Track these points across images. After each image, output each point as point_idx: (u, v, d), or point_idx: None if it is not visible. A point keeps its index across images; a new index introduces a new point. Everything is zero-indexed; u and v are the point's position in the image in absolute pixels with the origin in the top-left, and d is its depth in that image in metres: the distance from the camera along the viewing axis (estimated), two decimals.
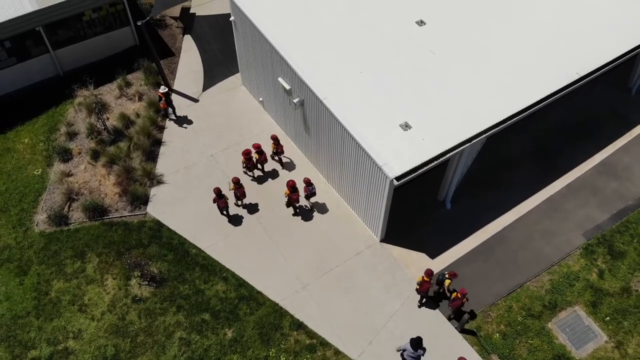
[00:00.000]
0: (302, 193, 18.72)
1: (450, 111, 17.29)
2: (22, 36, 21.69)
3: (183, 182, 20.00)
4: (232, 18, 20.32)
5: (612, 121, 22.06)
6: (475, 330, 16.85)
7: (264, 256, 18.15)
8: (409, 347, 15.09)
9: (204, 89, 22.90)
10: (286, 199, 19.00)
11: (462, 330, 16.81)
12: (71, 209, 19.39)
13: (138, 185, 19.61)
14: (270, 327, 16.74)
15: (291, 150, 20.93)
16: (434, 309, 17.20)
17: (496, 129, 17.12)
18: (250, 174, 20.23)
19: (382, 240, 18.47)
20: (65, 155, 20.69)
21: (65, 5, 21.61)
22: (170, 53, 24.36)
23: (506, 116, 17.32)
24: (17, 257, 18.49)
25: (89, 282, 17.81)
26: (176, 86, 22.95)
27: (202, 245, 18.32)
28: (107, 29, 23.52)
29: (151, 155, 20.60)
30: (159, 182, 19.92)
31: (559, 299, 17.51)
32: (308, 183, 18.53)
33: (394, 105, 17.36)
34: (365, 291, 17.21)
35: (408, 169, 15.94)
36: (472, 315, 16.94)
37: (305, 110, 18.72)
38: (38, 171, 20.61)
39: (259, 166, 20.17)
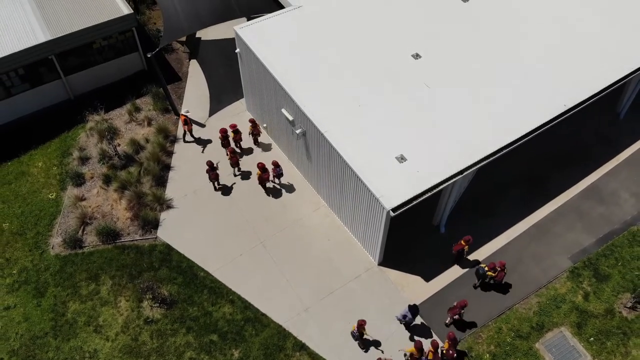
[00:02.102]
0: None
1: (443, 143, 18.32)
2: (36, 64, 22.72)
3: (191, 207, 21.04)
4: (237, 50, 21.33)
5: (599, 146, 23.11)
6: (466, 351, 17.94)
7: (268, 279, 19.21)
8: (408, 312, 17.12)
9: (211, 113, 23.92)
10: (257, 179, 21.11)
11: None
12: (85, 232, 20.43)
13: (149, 209, 20.65)
14: (274, 348, 17.81)
15: (293, 175, 21.98)
16: (430, 336, 18.25)
17: (487, 160, 18.16)
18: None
19: (380, 264, 19.53)
20: (78, 180, 21.72)
21: (77, 35, 22.64)
22: (177, 78, 25.36)
23: (497, 148, 18.37)
24: (34, 279, 19.54)
25: (103, 304, 18.87)
26: (184, 111, 23.91)
27: (209, 269, 19.38)
28: (117, 55, 24.54)
29: (161, 180, 21.64)
30: (169, 207, 20.96)
31: (546, 320, 18.59)
32: (276, 165, 20.76)
33: (390, 137, 18.38)
34: (364, 314, 18.26)
35: (404, 200, 17.00)
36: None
37: (307, 140, 19.75)
38: (52, 195, 21.64)
39: (237, 145, 22.13)
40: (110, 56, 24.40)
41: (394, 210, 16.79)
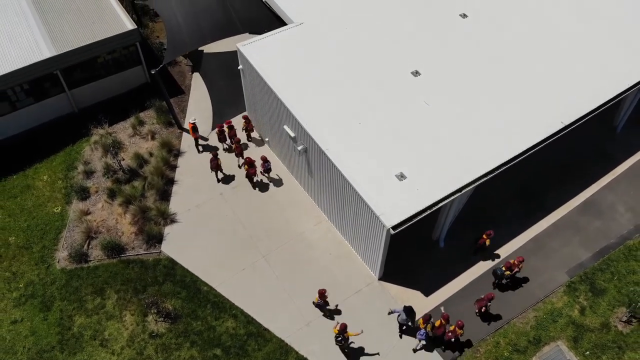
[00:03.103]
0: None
1: (442, 161, 18.65)
2: (40, 78, 23.02)
3: (194, 221, 21.38)
4: (240, 67, 21.65)
5: (597, 159, 23.44)
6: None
7: (270, 293, 19.57)
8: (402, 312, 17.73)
9: (213, 127, 24.22)
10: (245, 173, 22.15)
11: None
12: (90, 246, 20.77)
13: (153, 224, 21.00)
14: None
15: (295, 189, 22.33)
16: (432, 350, 18.65)
17: (485, 178, 18.50)
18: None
19: (380, 279, 19.90)
20: (83, 194, 22.06)
21: (81, 50, 22.95)
22: (180, 91, 25.68)
23: (495, 165, 18.70)
24: (40, 293, 19.89)
25: (109, 318, 19.23)
26: (187, 125, 24.26)
27: (213, 283, 19.74)
28: (120, 69, 24.85)
29: (164, 194, 21.98)
30: (172, 221, 21.31)
31: (542, 334, 18.97)
32: (265, 160, 21.79)
33: (390, 155, 18.71)
34: (364, 328, 18.56)
35: (404, 218, 17.33)
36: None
37: (308, 156, 20.09)
38: (58, 209, 21.98)
39: (229, 140, 23.13)
40: (114, 70, 24.70)
41: (394, 228, 17.13)
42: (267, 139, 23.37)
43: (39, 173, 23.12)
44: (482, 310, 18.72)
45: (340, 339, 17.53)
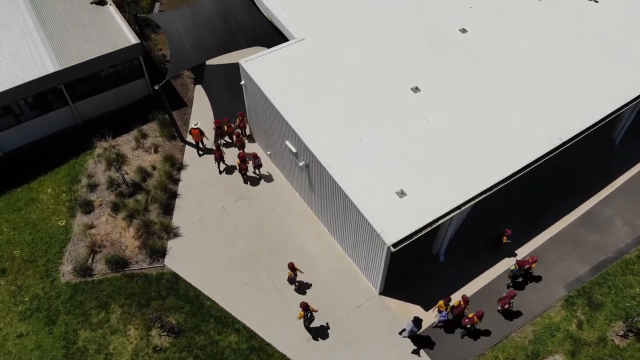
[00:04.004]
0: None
1: (442, 178, 18.88)
2: (44, 92, 23.26)
3: (197, 235, 21.65)
4: (243, 82, 21.90)
5: (595, 172, 23.71)
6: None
7: (272, 308, 19.85)
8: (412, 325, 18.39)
9: (216, 139, 24.42)
10: (237, 168, 23.22)
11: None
12: (94, 260, 21.04)
13: (156, 238, 21.26)
14: None
15: (296, 202, 22.60)
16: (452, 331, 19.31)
17: (485, 195, 18.76)
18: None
19: (380, 293, 20.17)
20: (87, 207, 22.31)
21: (85, 65, 23.18)
22: (182, 103, 25.93)
23: (494, 182, 18.94)
24: (45, 306, 20.17)
25: (113, 332, 19.50)
26: (189, 138, 24.52)
27: (215, 298, 20.01)
28: (123, 82, 25.11)
29: (167, 208, 22.23)
30: (176, 235, 21.57)
31: (540, 348, 19.25)
32: (255, 157, 22.72)
33: (390, 172, 18.95)
34: (365, 343, 18.91)
35: (404, 235, 17.57)
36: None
37: (310, 172, 20.34)
38: (62, 222, 22.24)
39: (226, 138, 24.40)
40: (117, 82, 24.94)
41: (394, 245, 17.39)
42: (269, 152, 23.63)
43: (44, 186, 23.38)
44: (506, 307, 19.32)
45: (309, 316, 18.53)
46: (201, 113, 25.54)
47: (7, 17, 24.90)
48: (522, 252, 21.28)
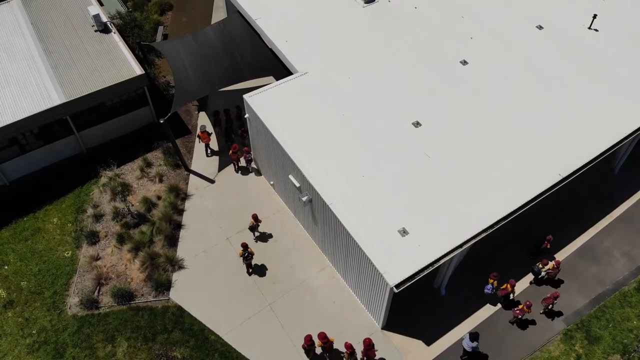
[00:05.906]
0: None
1: (443, 215, 19.14)
2: (50, 123, 23.49)
3: (202, 267, 21.93)
4: (246, 115, 22.15)
5: (594, 202, 23.97)
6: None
7: (276, 343, 20.14)
8: (467, 338, 19.03)
9: (220, 169, 24.74)
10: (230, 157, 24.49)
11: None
12: (101, 293, 21.33)
13: (161, 270, 21.55)
14: None
15: (299, 233, 22.89)
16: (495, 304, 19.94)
17: (486, 233, 19.02)
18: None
19: (383, 328, 20.48)
20: (93, 238, 22.59)
21: (91, 96, 23.42)
22: (186, 131, 26.17)
23: (496, 220, 19.19)
24: (53, 339, 20.46)
25: None
26: (193, 166, 24.82)
27: (219, 332, 20.30)
28: (128, 110, 25.36)
29: (172, 240, 22.50)
30: (180, 267, 21.86)
31: None
32: (248, 152, 24.04)
33: (392, 210, 19.20)
34: None
35: (407, 276, 17.84)
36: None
37: (313, 207, 20.62)
38: (68, 253, 22.52)
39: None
40: (122, 111, 25.19)
41: (397, 286, 17.67)
42: (272, 182, 23.89)
43: (49, 215, 23.65)
44: (549, 307, 20.39)
45: (246, 255, 20.69)
46: None
47: (13, 48, 25.09)
48: (524, 283, 21.57)
